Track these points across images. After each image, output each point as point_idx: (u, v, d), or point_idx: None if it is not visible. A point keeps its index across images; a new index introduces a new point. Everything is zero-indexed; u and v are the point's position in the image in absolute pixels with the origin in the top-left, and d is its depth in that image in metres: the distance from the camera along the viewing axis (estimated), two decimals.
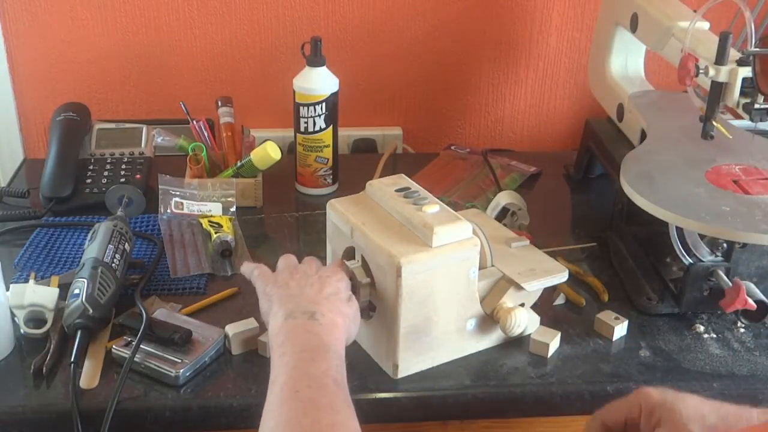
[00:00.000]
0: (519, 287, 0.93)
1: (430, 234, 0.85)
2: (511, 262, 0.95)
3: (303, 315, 0.79)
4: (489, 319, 0.92)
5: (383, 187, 0.94)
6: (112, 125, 1.34)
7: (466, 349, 0.94)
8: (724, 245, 0.99)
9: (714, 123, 1.01)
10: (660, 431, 0.76)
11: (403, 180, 0.96)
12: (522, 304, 0.93)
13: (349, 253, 0.93)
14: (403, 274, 0.84)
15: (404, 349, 0.88)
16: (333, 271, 0.87)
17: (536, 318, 0.97)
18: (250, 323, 0.94)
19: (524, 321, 0.92)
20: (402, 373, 0.90)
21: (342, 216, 0.92)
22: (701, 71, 0.97)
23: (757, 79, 0.93)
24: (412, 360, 0.90)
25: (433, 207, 0.89)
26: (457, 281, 0.88)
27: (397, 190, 0.93)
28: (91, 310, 0.91)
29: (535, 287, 0.94)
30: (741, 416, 0.76)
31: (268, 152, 1.23)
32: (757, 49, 0.91)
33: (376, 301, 0.90)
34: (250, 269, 0.90)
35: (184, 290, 1.04)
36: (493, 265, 0.94)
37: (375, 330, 0.91)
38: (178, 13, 1.40)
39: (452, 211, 0.89)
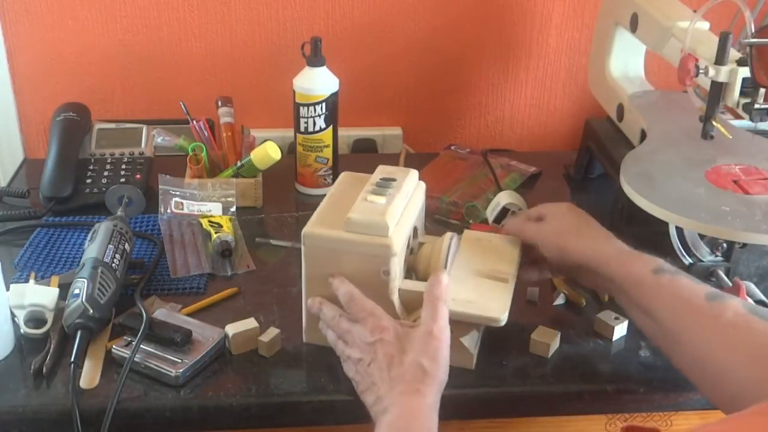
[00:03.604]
0: None
1: (345, 218, 0.88)
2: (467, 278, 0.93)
3: (380, 414, 0.79)
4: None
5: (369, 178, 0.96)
6: (112, 125, 1.34)
7: None
8: (724, 245, 0.99)
9: (714, 123, 1.01)
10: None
11: (386, 171, 0.97)
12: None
13: None
14: (306, 242, 0.88)
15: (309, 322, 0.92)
16: (378, 328, 0.84)
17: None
18: (250, 323, 0.94)
19: None
20: None
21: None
22: (701, 71, 0.97)
23: (754, 71, 0.91)
24: None
25: (379, 198, 0.90)
26: (369, 274, 0.88)
27: (381, 179, 0.94)
28: (91, 310, 0.91)
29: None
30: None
31: (268, 152, 1.23)
32: (755, 40, 0.89)
33: None
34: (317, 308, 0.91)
35: (184, 290, 1.04)
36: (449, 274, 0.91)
37: None
38: (178, 13, 1.40)
39: (397, 208, 0.89)
